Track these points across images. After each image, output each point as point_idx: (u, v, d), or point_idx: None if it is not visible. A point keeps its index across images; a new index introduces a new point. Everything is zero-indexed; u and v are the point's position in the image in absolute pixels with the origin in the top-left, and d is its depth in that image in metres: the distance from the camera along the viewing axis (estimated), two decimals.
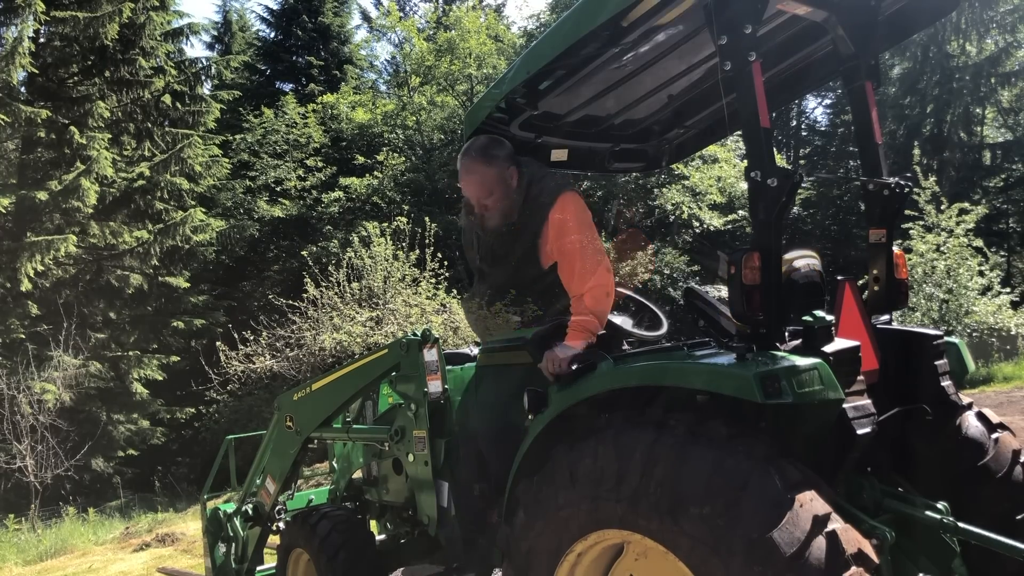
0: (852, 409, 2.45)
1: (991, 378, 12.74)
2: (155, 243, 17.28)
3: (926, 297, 13.47)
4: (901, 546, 2.52)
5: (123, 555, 8.94)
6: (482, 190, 3.15)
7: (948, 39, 22.70)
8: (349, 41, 28.64)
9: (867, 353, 2.70)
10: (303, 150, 21.98)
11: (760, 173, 2.46)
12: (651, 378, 2.54)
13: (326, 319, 13.32)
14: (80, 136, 15.76)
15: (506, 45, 22.13)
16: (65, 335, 14.16)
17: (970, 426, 2.90)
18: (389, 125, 22.84)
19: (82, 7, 16.46)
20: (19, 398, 12.54)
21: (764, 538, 2.05)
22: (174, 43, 20.02)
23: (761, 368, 2.26)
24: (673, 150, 4.06)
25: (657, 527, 2.27)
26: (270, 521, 4.38)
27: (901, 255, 3.08)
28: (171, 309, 19.01)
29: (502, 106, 3.18)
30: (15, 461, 12.29)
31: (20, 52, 14.49)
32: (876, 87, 3.04)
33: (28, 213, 15.93)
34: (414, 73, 22.14)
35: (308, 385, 4.24)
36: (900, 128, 23.42)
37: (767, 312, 2.50)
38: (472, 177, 3.16)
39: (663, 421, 2.40)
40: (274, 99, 23.85)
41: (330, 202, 20.76)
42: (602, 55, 2.96)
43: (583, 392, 2.72)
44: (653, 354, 2.93)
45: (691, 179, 19.34)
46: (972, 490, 2.78)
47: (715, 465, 2.20)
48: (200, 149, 18.62)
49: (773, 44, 3.17)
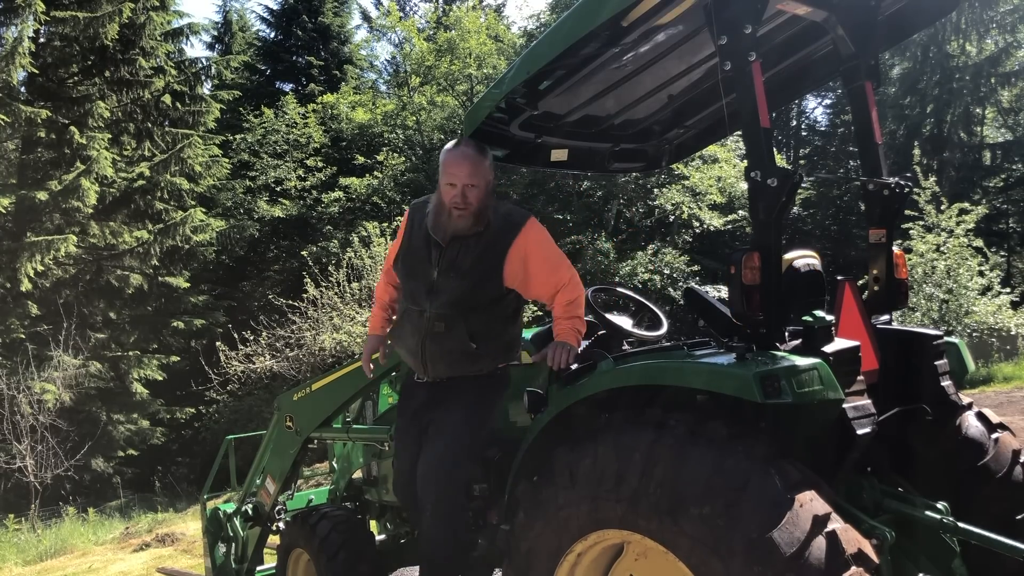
0: (852, 409, 2.45)
1: (991, 378, 12.73)
2: (155, 243, 17.28)
3: (926, 297, 13.46)
4: (901, 546, 2.52)
5: (123, 555, 8.94)
6: (473, 176, 3.08)
7: (948, 39, 22.68)
8: (349, 41, 28.64)
9: (867, 353, 2.70)
10: (303, 150, 21.98)
11: (760, 173, 2.46)
12: (651, 378, 2.54)
13: (326, 319, 13.32)
14: (80, 136, 15.76)
15: (506, 45, 22.11)
16: (65, 335, 14.16)
17: (970, 426, 2.90)
18: (389, 125, 22.83)
19: (82, 7, 16.46)
20: (19, 398, 12.54)
21: (764, 538, 2.05)
22: (174, 43, 20.01)
23: (761, 368, 2.26)
24: (673, 150, 4.06)
25: (657, 527, 2.27)
26: (270, 521, 4.38)
27: (901, 255, 3.09)
28: (171, 309, 19.01)
29: (502, 106, 3.18)
30: (15, 461, 12.29)
31: (20, 52, 14.49)
32: (876, 87, 3.04)
33: (28, 213, 15.93)
34: (414, 73, 22.13)
35: (308, 385, 4.24)
36: (900, 128, 23.41)
37: (767, 312, 2.50)
38: (466, 162, 3.09)
39: (663, 421, 2.40)
40: (274, 99, 23.84)
41: (330, 202, 20.76)
42: (602, 55, 2.96)
43: (583, 392, 2.72)
44: (653, 354, 2.93)
45: (691, 179, 19.32)
46: (972, 490, 2.78)
47: (715, 465, 2.20)
48: (200, 149, 18.62)
49: (773, 44, 3.16)
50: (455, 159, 3.12)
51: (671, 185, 19.66)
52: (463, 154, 3.12)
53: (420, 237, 3.24)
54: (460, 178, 3.07)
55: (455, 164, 3.10)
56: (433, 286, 3.18)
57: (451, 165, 3.11)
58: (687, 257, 19.22)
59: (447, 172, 3.11)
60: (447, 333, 3.17)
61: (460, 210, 3.09)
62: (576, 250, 19.02)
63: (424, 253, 3.22)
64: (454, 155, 3.13)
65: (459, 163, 3.09)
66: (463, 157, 3.11)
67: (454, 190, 3.08)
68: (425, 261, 3.21)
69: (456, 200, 3.08)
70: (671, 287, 18.35)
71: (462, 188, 3.07)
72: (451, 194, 3.09)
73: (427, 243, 3.21)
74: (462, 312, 3.16)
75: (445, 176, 3.11)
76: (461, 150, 3.13)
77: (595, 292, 3.68)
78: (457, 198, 3.08)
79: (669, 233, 20.36)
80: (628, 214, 20.58)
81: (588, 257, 18.66)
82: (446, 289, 3.16)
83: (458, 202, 3.08)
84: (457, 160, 3.10)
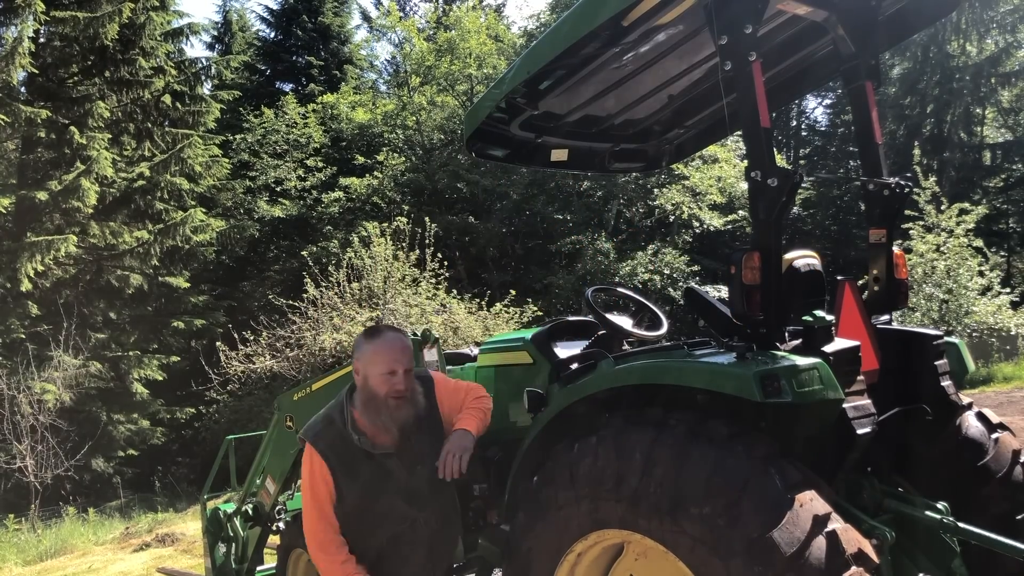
0: (852, 409, 2.45)
1: (991, 378, 12.75)
2: (155, 243, 17.27)
3: (926, 297, 13.48)
4: (901, 546, 2.52)
5: (123, 555, 8.94)
6: (406, 358, 2.81)
7: (948, 39, 22.70)
8: (349, 41, 28.65)
9: (867, 353, 2.70)
10: (303, 150, 21.98)
11: (760, 173, 2.46)
12: (651, 377, 2.54)
13: (326, 319, 13.32)
14: (80, 136, 15.75)
15: (506, 45, 22.12)
16: (65, 335, 14.16)
17: (970, 426, 2.90)
18: (389, 125, 22.85)
19: (82, 7, 16.45)
20: (19, 398, 12.54)
21: (764, 538, 2.06)
22: (174, 43, 19.99)
23: (761, 367, 2.26)
24: (673, 150, 4.07)
25: (657, 527, 2.27)
26: (270, 521, 4.38)
27: (901, 255, 3.09)
28: (171, 309, 19.01)
29: (502, 106, 3.18)
30: (15, 461, 12.28)
31: (20, 52, 14.47)
32: (876, 87, 3.04)
33: (28, 213, 15.92)
34: (414, 73, 22.14)
35: (308, 385, 4.24)
36: (900, 128, 23.43)
37: (767, 312, 2.50)
38: (397, 344, 2.81)
39: (663, 421, 2.40)
40: (274, 99, 23.85)
41: (330, 202, 20.77)
42: (602, 55, 2.96)
43: (583, 391, 2.72)
44: (653, 354, 2.93)
45: (691, 179, 19.34)
46: (972, 490, 2.78)
47: (715, 465, 2.20)
48: (200, 149, 18.61)
49: (773, 44, 3.17)
50: (386, 346, 2.80)
51: (671, 185, 19.68)
52: (390, 339, 2.83)
53: (354, 461, 2.80)
54: (401, 363, 2.77)
55: (387, 351, 2.78)
56: (411, 492, 2.85)
57: (382, 353, 2.78)
58: (687, 257, 19.23)
59: (381, 361, 2.76)
60: (448, 522, 3.01)
61: (398, 399, 2.76)
62: (576, 250, 19.04)
63: (377, 471, 2.81)
64: (382, 343, 2.82)
65: (390, 347, 2.79)
66: (393, 341, 2.82)
67: (394, 377, 2.75)
68: (384, 477, 2.82)
69: (398, 387, 2.75)
70: (671, 287, 18.36)
71: (402, 373, 2.77)
72: (391, 383, 2.75)
73: (369, 457, 2.80)
74: (447, 490, 2.96)
75: (378, 366, 2.76)
76: (385, 337, 2.84)
77: (595, 292, 3.68)
78: (399, 384, 2.75)
79: (669, 233, 20.37)
80: (628, 214, 20.60)
81: (588, 257, 18.68)
82: (424, 482, 2.84)
83: (400, 389, 2.75)
84: (388, 345, 2.80)
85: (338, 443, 2.80)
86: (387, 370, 2.75)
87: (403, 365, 2.78)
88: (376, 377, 2.76)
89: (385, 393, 2.75)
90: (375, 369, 2.77)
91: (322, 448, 2.79)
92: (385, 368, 2.75)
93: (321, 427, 2.86)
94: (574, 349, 3.46)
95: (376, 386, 2.76)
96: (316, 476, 2.79)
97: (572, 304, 17.77)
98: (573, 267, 18.99)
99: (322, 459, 2.78)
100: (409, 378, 2.80)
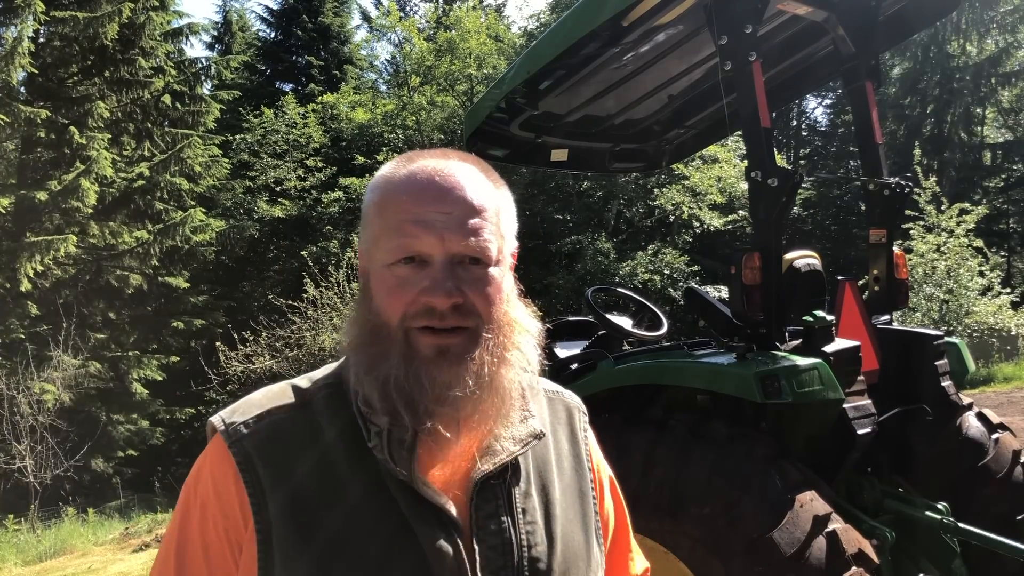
0: (852, 409, 2.45)
1: (991, 378, 12.74)
2: (155, 243, 17.27)
3: (926, 297, 13.47)
4: (901, 546, 2.52)
5: (123, 555, 8.93)
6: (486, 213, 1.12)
7: (948, 39, 22.70)
8: (349, 41, 28.65)
9: (867, 353, 2.70)
10: (303, 150, 21.98)
11: (760, 173, 2.46)
12: (651, 378, 2.54)
13: (326, 319, 13.31)
14: (80, 136, 15.75)
15: (506, 45, 22.11)
16: (65, 335, 14.14)
17: (970, 426, 2.90)
18: (389, 125, 22.84)
19: (82, 7, 16.45)
20: (19, 398, 12.53)
21: (764, 538, 2.05)
22: (174, 43, 20.00)
23: (761, 368, 2.26)
24: (673, 150, 4.07)
25: (657, 527, 2.27)
26: None
27: (901, 255, 3.08)
28: (171, 309, 19.00)
29: (502, 106, 3.18)
30: (15, 461, 12.27)
31: (20, 52, 14.47)
32: (876, 87, 3.04)
33: (28, 213, 15.92)
34: (414, 73, 22.14)
35: None
36: (900, 128, 23.44)
37: (767, 312, 2.50)
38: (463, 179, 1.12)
39: (663, 421, 2.40)
40: (274, 99, 23.84)
41: (330, 202, 20.77)
42: (602, 55, 2.96)
43: (583, 392, 2.71)
44: (653, 354, 2.93)
45: (691, 179, 19.32)
46: (972, 490, 2.78)
47: (715, 465, 2.20)
48: (200, 149, 18.61)
49: (773, 44, 3.17)
50: (439, 179, 1.16)
51: (671, 185, 19.66)
52: (455, 168, 1.23)
53: (334, 477, 1.09)
54: (477, 229, 1.20)
55: (438, 187, 1.16)
56: None
57: (427, 189, 1.15)
58: (687, 257, 19.22)
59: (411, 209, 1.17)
60: None
61: (450, 338, 1.17)
62: (576, 250, 19.03)
63: (397, 528, 1.05)
64: (433, 168, 1.17)
65: (449, 184, 1.20)
66: (464, 174, 1.18)
67: (442, 274, 1.14)
68: (417, 551, 1.04)
69: (454, 298, 1.16)
70: (671, 287, 18.35)
71: (474, 267, 1.18)
72: (436, 281, 1.09)
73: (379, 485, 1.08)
74: None
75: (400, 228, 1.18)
76: (448, 160, 1.22)
77: (595, 292, 3.68)
78: (455, 296, 1.19)
79: (669, 233, 20.37)
80: (628, 214, 20.58)
81: (588, 257, 18.67)
82: None
83: (457, 302, 1.19)
84: (445, 179, 1.20)
85: (299, 437, 1.11)
86: (425, 237, 1.05)
87: (482, 237, 1.06)
88: (385, 261, 1.08)
89: (411, 312, 1.05)
90: (388, 241, 1.07)
91: (246, 448, 1.10)
92: (418, 230, 1.05)
93: (268, 407, 1.17)
94: (574, 349, 3.46)
95: (386, 288, 1.08)
96: (207, 497, 1.09)
97: (572, 304, 17.76)
98: (573, 267, 18.98)
99: (236, 467, 1.08)
100: (496, 293, 1.09)
